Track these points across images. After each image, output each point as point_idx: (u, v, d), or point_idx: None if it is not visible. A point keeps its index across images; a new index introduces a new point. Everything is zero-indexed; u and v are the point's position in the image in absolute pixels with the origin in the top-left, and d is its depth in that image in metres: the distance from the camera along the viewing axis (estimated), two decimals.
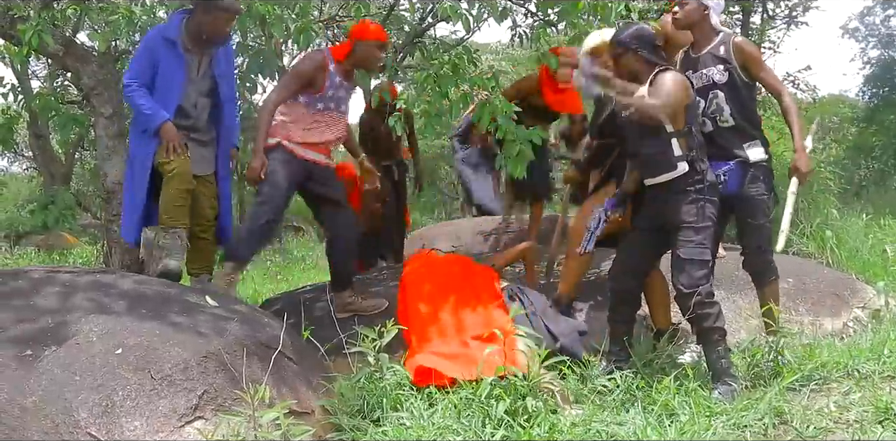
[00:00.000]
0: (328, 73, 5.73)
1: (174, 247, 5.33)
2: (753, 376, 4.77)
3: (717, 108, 5.14)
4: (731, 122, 5.12)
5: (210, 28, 5.42)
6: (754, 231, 5.20)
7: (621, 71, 4.87)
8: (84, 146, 15.46)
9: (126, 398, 3.64)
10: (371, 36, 5.75)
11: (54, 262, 12.31)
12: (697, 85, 5.15)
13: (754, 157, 5.14)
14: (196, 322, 4.28)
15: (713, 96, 5.16)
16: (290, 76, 5.80)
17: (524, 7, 7.01)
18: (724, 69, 5.15)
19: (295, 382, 4.29)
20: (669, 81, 4.69)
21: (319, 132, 5.79)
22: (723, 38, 5.23)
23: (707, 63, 5.19)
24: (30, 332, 3.94)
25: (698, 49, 5.26)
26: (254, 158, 5.59)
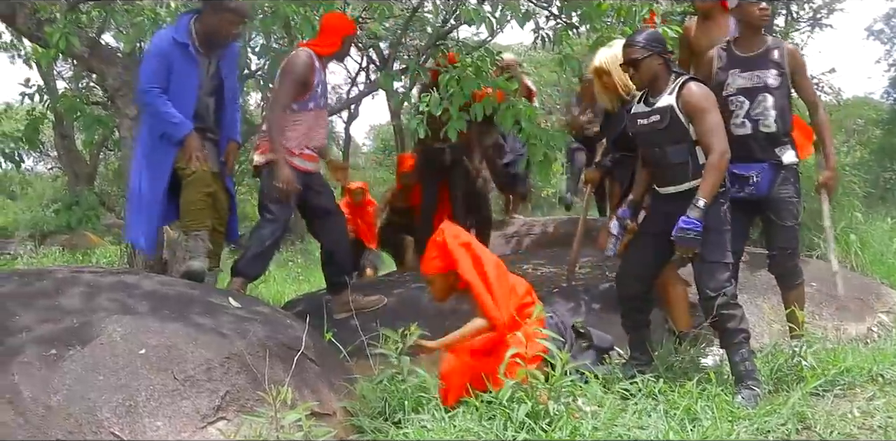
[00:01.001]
0: (315, 71, 5.78)
1: (197, 248, 5.36)
2: (776, 381, 4.74)
3: (763, 112, 5.09)
4: (773, 128, 5.09)
5: (217, 30, 5.44)
6: (782, 233, 5.18)
7: (642, 76, 4.83)
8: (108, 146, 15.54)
9: (149, 398, 3.66)
10: (354, 30, 5.85)
11: (78, 261, 12.38)
12: (745, 85, 5.12)
13: (787, 159, 5.12)
14: (219, 323, 4.30)
15: (762, 99, 5.10)
16: (289, 83, 5.77)
17: (547, 10, 6.99)
18: (779, 74, 5.11)
19: (317, 384, 4.30)
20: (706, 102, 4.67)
21: (314, 133, 5.83)
22: (774, 42, 5.21)
23: (760, 65, 5.13)
24: (54, 332, 3.97)
25: (747, 49, 5.20)
26: (282, 171, 5.60)
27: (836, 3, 13.34)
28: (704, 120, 4.64)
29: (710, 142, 4.62)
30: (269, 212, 5.73)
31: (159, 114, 5.36)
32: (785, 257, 5.22)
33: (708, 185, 4.57)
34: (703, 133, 4.64)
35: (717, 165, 4.58)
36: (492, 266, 4.73)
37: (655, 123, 4.76)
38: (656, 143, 4.80)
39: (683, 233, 4.54)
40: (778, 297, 5.57)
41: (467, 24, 6.87)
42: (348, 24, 5.87)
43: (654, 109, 4.77)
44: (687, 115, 4.66)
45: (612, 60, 5.31)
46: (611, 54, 5.35)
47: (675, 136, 4.71)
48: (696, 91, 4.69)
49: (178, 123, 5.36)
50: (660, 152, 4.79)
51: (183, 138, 5.38)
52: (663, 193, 4.88)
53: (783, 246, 5.21)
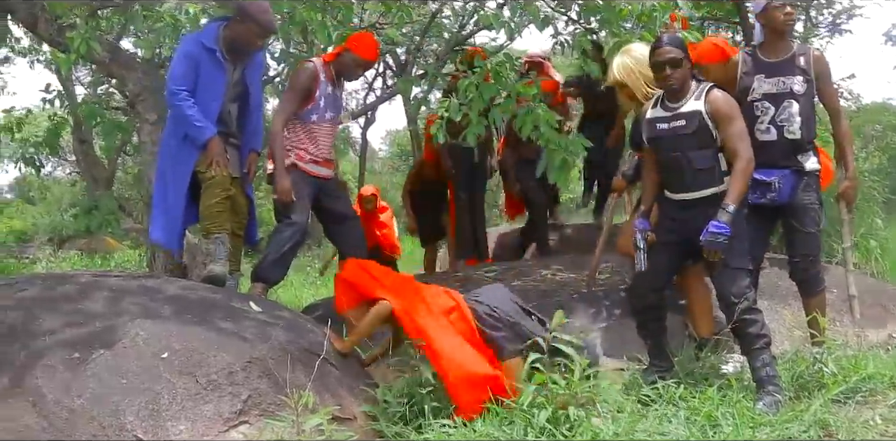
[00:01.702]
0: (319, 83, 5.82)
1: (218, 252, 5.38)
2: (798, 387, 4.72)
3: (788, 118, 5.08)
4: (798, 135, 5.07)
5: (240, 39, 5.48)
6: (804, 240, 5.15)
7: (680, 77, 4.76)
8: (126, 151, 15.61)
9: (172, 402, 3.68)
10: (361, 52, 5.89)
11: (97, 265, 12.45)
12: (770, 91, 5.12)
13: (809, 166, 5.11)
14: (241, 327, 4.31)
15: (787, 105, 5.09)
16: (289, 92, 5.91)
17: (566, 15, 6.99)
18: (804, 80, 5.10)
19: (338, 388, 4.31)
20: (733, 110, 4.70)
21: (318, 146, 5.88)
22: (800, 48, 5.20)
23: (786, 71, 5.12)
24: (78, 335, 3.99)
25: (772, 54, 5.20)
26: (281, 180, 5.68)
27: (856, 8, 13.28)
28: (732, 126, 4.64)
29: (737, 148, 4.62)
30: (286, 217, 5.77)
31: (185, 117, 5.39)
32: (807, 264, 5.19)
33: (737, 191, 4.57)
34: (731, 139, 4.64)
35: (745, 171, 4.59)
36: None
37: (680, 128, 4.72)
38: (679, 148, 4.75)
39: (714, 237, 4.53)
40: (798, 304, 5.54)
41: (486, 28, 6.89)
42: (358, 42, 5.89)
43: (678, 114, 4.73)
44: (714, 121, 4.66)
45: (625, 71, 5.27)
46: (622, 65, 5.29)
47: (701, 142, 4.69)
48: (723, 97, 4.69)
49: (201, 127, 5.39)
50: (682, 157, 4.74)
51: (205, 142, 5.41)
52: (677, 200, 4.83)
53: (805, 253, 5.18)
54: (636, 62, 5.21)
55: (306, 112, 5.85)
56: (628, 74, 5.25)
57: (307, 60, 6.05)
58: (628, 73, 5.25)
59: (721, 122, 4.65)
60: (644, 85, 5.21)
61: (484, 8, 6.43)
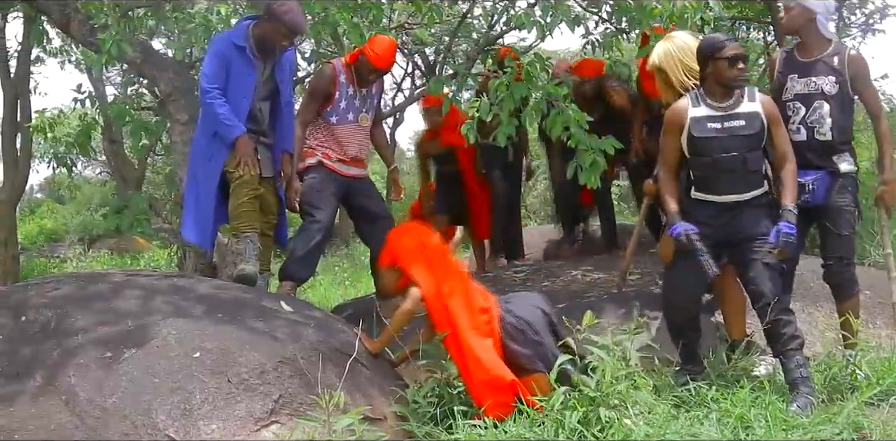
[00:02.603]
0: (338, 85, 5.85)
1: (248, 252, 5.40)
2: (830, 390, 4.68)
3: (819, 119, 5.02)
4: (829, 137, 5.01)
5: (268, 37, 5.50)
6: (838, 242, 5.09)
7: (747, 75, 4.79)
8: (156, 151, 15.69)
9: (204, 401, 3.69)
10: (372, 59, 5.89)
11: (127, 265, 12.53)
12: (802, 91, 5.07)
13: (844, 167, 5.05)
14: (272, 327, 4.32)
15: (818, 106, 5.03)
16: (307, 95, 5.98)
17: (597, 14, 6.97)
18: (836, 81, 5.02)
19: (368, 388, 4.31)
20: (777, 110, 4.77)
21: (343, 146, 5.90)
22: (836, 47, 5.13)
23: (818, 71, 5.06)
24: (110, 334, 4.02)
25: (808, 54, 5.13)
26: (291, 184, 5.74)
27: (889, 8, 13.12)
28: (781, 128, 4.71)
29: (786, 150, 4.70)
30: (310, 214, 5.80)
31: (215, 115, 5.42)
32: (841, 267, 5.13)
33: (794, 191, 4.64)
34: (781, 141, 4.70)
35: (795, 172, 4.68)
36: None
37: (739, 128, 4.66)
38: (735, 148, 4.67)
39: (787, 238, 4.56)
40: (830, 306, 5.50)
41: (517, 28, 6.87)
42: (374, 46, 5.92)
43: (735, 114, 4.68)
44: (769, 122, 4.68)
45: (665, 56, 5.18)
46: (663, 50, 5.20)
47: (758, 143, 4.68)
48: (770, 100, 4.74)
49: (231, 125, 5.41)
50: (738, 158, 4.66)
51: (234, 140, 5.43)
52: (721, 202, 4.75)
53: (840, 255, 5.11)
54: (678, 49, 5.13)
55: (326, 113, 5.90)
56: (668, 59, 5.17)
57: (329, 61, 6.07)
58: (668, 58, 5.16)
59: (774, 124, 4.69)
60: (682, 73, 5.12)
61: (515, 7, 6.41)
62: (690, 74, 5.05)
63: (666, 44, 5.24)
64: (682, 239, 4.71)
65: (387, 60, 6.07)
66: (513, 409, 4.28)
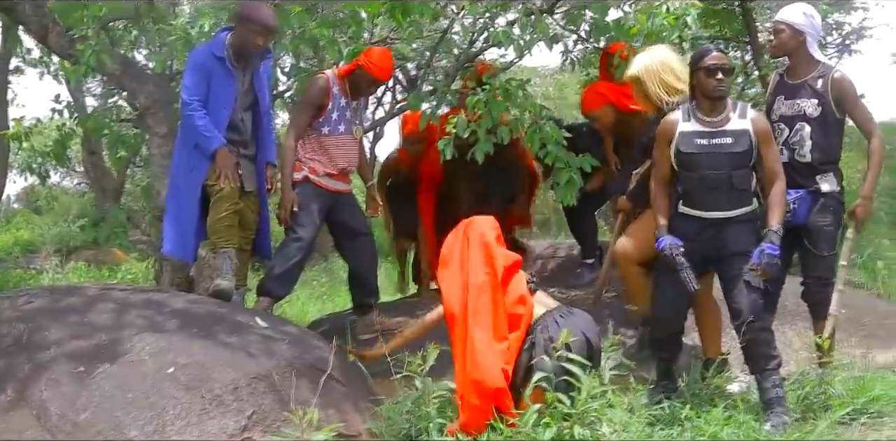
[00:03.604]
0: (331, 96, 5.84)
1: (225, 267, 5.38)
2: (804, 409, 4.70)
3: (800, 140, 5.04)
4: (808, 159, 5.02)
5: (244, 41, 5.50)
6: (818, 262, 5.11)
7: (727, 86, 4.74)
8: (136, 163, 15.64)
9: (177, 417, 3.68)
10: (373, 70, 5.88)
11: (104, 277, 12.43)
12: (786, 113, 5.09)
13: (826, 187, 5.05)
14: (246, 342, 4.31)
15: (800, 128, 5.04)
16: (300, 106, 5.96)
17: (576, 33, 7.01)
18: (819, 104, 5.03)
19: (342, 405, 4.30)
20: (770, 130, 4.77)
21: (332, 159, 5.87)
22: (822, 69, 5.12)
23: (802, 93, 5.08)
24: (83, 348, 4.01)
25: (795, 76, 5.15)
26: (284, 196, 5.72)
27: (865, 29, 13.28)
28: (772, 147, 4.70)
29: (776, 169, 4.68)
30: (293, 231, 5.77)
31: (194, 127, 5.41)
32: (820, 286, 5.14)
33: (780, 213, 4.63)
34: (771, 160, 4.68)
35: (784, 192, 4.68)
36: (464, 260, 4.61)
37: (727, 146, 4.65)
38: (720, 166, 4.67)
39: (770, 259, 4.53)
40: (805, 324, 5.54)
41: (496, 46, 6.89)
42: (371, 58, 5.88)
43: (724, 131, 4.66)
44: (758, 140, 4.66)
45: (644, 68, 5.21)
46: (644, 61, 5.24)
47: (744, 161, 4.66)
48: (763, 118, 4.75)
49: (210, 137, 5.40)
50: (724, 175, 4.66)
51: (214, 152, 5.42)
52: (706, 218, 4.74)
53: (819, 275, 5.13)
54: (659, 62, 5.19)
55: (317, 124, 5.87)
56: (647, 71, 5.19)
57: (321, 72, 6.07)
58: (647, 70, 5.19)
59: (763, 142, 4.66)
60: (659, 87, 5.17)
61: (494, 25, 6.43)
62: (667, 90, 5.12)
63: (646, 55, 5.28)
64: (665, 253, 4.72)
65: (388, 71, 6.11)
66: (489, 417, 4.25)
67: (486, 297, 4.47)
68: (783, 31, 5.12)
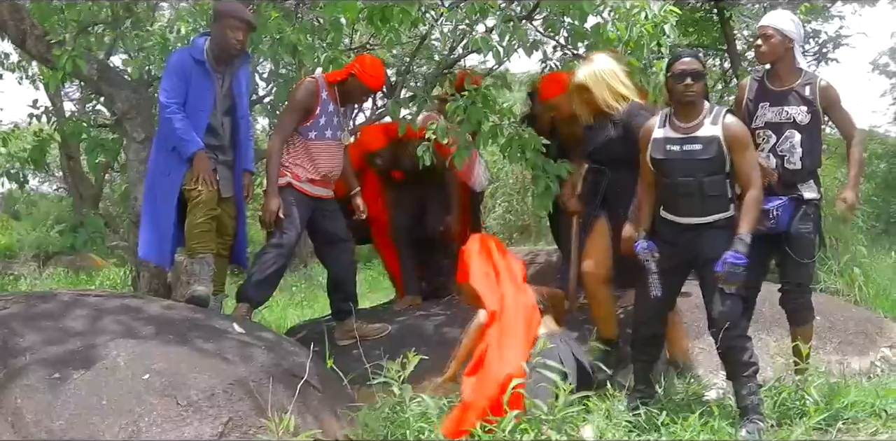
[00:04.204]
0: (320, 100, 5.81)
1: (202, 272, 5.36)
2: (780, 415, 4.73)
3: (790, 148, 5.04)
4: (798, 166, 5.04)
5: (223, 38, 5.48)
6: (797, 269, 5.11)
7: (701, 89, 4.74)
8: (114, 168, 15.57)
9: (152, 424, 3.66)
10: (366, 79, 5.86)
11: (82, 283, 12.38)
12: (773, 119, 5.09)
13: (808, 195, 5.07)
14: (222, 348, 4.30)
15: (789, 135, 5.05)
16: (288, 109, 5.92)
17: (555, 40, 7.01)
18: (808, 111, 5.05)
19: (320, 411, 4.29)
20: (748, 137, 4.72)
21: (316, 164, 5.85)
22: (807, 77, 5.14)
23: (790, 101, 5.07)
24: (58, 354, 3.99)
25: (780, 83, 5.14)
26: (269, 200, 5.66)
27: (842, 37, 13.39)
28: (746, 153, 4.64)
29: (750, 175, 4.63)
30: (274, 237, 5.74)
31: (173, 130, 5.39)
32: (798, 293, 5.17)
33: (751, 220, 4.57)
34: (744, 166, 4.63)
35: (758, 200, 4.61)
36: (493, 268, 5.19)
37: (696, 152, 4.66)
38: (691, 172, 4.68)
39: (734, 268, 4.50)
40: (782, 331, 5.56)
41: (475, 52, 6.88)
42: (366, 67, 5.86)
43: (694, 137, 4.67)
44: (728, 147, 4.63)
45: (593, 76, 5.28)
46: (590, 70, 5.31)
47: (715, 168, 4.65)
48: (739, 124, 4.70)
49: (188, 140, 5.38)
50: (694, 182, 4.67)
51: (192, 156, 5.40)
52: (682, 223, 4.77)
53: (798, 282, 5.15)
54: (606, 70, 5.28)
55: (304, 129, 5.82)
56: (595, 78, 5.26)
57: (310, 76, 6.05)
58: (595, 78, 5.26)
59: (736, 149, 4.63)
60: (607, 94, 5.25)
61: (473, 31, 6.43)
62: (615, 96, 5.24)
63: (593, 64, 5.36)
64: (640, 256, 4.80)
65: (381, 80, 6.07)
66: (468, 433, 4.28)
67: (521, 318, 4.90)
68: (773, 36, 5.09)
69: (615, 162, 5.31)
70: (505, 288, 5.10)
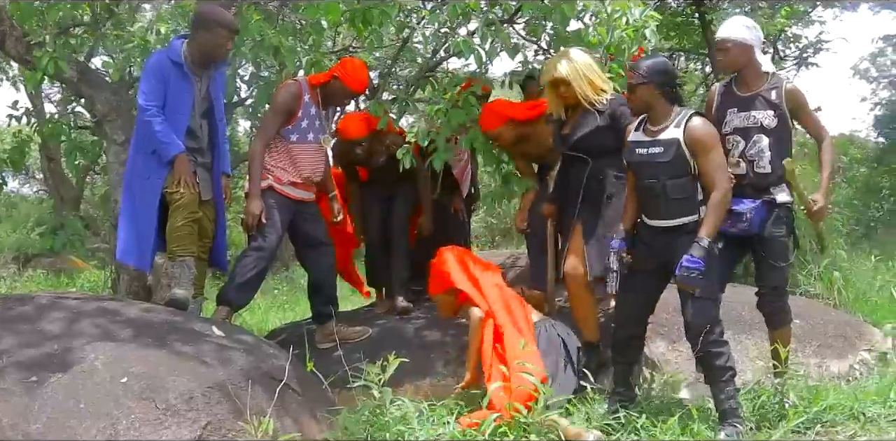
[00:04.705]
0: (302, 103, 5.81)
1: (182, 276, 5.34)
2: (759, 418, 4.74)
3: (758, 152, 5.05)
4: (767, 170, 5.04)
5: (212, 46, 5.44)
6: (772, 272, 5.13)
7: (634, 101, 4.85)
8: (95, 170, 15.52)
9: (130, 428, 3.63)
10: (349, 82, 5.86)
11: (62, 285, 12.31)
12: (740, 125, 5.09)
13: (781, 198, 5.09)
14: (201, 351, 4.28)
15: (757, 140, 5.05)
16: (270, 112, 5.89)
17: (536, 44, 7.03)
18: (775, 115, 5.07)
19: (299, 415, 4.27)
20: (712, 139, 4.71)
21: (298, 167, 5.84)
22: (774, 81, 5.16)
23: (756, 105, 5.09)
24: (35, 357, 3.96)
25: (746, 88, 5.16)
26: (251, 203, 5.64)
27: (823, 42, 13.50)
28: (709, 155, 4.65)
29: (715, 178, 4.63)
30: (255, 240, 5.72)
31: (152, 133, 5.36)
32: (774, 297, 5.18)
33: (711, 224, 4.58)
34: (707, 169, 4.65)
35: (720, 203, 4.61)
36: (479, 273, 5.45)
37: (657, 155, 4.72)
38: (655, 175, 4.74)
39: (688, 272, 4.52)
40: (762, 334, 5.57)
41: (456, 55, 6.89)
42: (349, 71, 5.85)
43: (657, 141, 4.73)
44: (692, 151, 4.66)
45: (571, 70, 5.30)
46: (569, 64, 5.33)
47: (677, 171, 4.69)
48: (702, 126, 4.70)
49: (168, 143, 5.35)
50: (658, 185, 4.73)
51: (172, 159, 5.37)
52: (653, 226, 4.84)
53: (773, 285, 5.17)
54: (584, 64, 5.34)
55: (286, 131, 5.80)
56: (574, 72, 5.31)
57: (292, 79, 6.03)
58: (574, 72, 5.31)
59: (698, 152, 4.65)
60: (587, 87, 5.31)
61: (455, 34, 6.43)
62: (594, 89, 5.31)
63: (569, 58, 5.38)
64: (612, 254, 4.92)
65: (365, 83, 6.06)
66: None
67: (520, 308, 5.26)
68: (730, 49, 5.11)
69: (600, 151, 5.34)
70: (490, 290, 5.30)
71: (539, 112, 5.91)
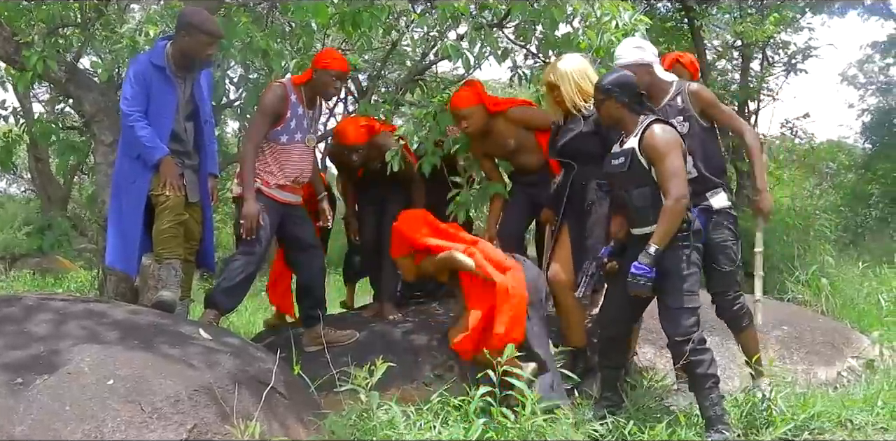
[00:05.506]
0: (289, 104, 5.78)
1: (169, 278, 5.32)
2: (746, 425, 4.75)
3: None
4: (694, 174, 5.03)
5: (194, 51, 5.43)
6: (720, 277, 5.18)
7: (602, 116, 4.95)
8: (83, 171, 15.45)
9: (115, 431, 3.61)
10: (331, 65, 5.79)
11: (49, 286, 12.27)
12: None
13: (718, 204, 5.13)
14: (188, 354, 4.26)
15: None
16: (258, 114, 5.83)
17: (525, 48, 7.03)
18: (684, 119, 5.14)
19: (286, 418, 4.26)
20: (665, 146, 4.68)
21: (286, 169, 5.82)
22: (678, 87, 5.25)
23: (668, 114, 5.13)
24: (21, 359, 3.93)
25: (657, 102, 5.20)
26: (248, 206, 5.59)
27: (811, 49, 13.55)
28: (663, 164, 4.67)
29: (667, 186, 4.65)
30: (244, 244, 5.69)
31: (137, 137, 5.34)
32: (727, 301, 5.22)
33: (661, 231, 4.62)
34: (661, 177, 4.68)
35: (672, 210, 4.62)
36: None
37: (618, 166, 4.81)
38: (621, 185, 4.85)
39: (634, 278, 4.61)
40: None
41: (446, 59, 6.89)
42: (324, 57, 5.82)
43: (622, 151, 4.82)
44: (648, 159, 4.69)
45: (561, 75, 5.36)
46: (560, 69, 5.38)
47: (637, 180, 4.75)
48: (657, 134, 4.71)
49: (152, 147, 5.34)
50: (626, 195, 4.83)
51: (157, 162, 5.36)
52: (633, 234, 4.90)
53: (723, 290, 5.21)
54: (576, 70, 5.37)
55: (275, 133, 5.77)
56: (564, 77, 5.36)
57: (278, 81, 6.02)
58: (564, 76, 5.36)
59: (653, 159, 4.70)
60: (575, 93, 5.35)
61: (444, 38, 6.43)
62: (583, 96, 5.33)
63: (563, 63, 5.43)
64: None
65: (345, 61, 5.99)
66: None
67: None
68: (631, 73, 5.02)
69: (584, 156, 5.37)
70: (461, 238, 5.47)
71: (501, 109, 5.90)
